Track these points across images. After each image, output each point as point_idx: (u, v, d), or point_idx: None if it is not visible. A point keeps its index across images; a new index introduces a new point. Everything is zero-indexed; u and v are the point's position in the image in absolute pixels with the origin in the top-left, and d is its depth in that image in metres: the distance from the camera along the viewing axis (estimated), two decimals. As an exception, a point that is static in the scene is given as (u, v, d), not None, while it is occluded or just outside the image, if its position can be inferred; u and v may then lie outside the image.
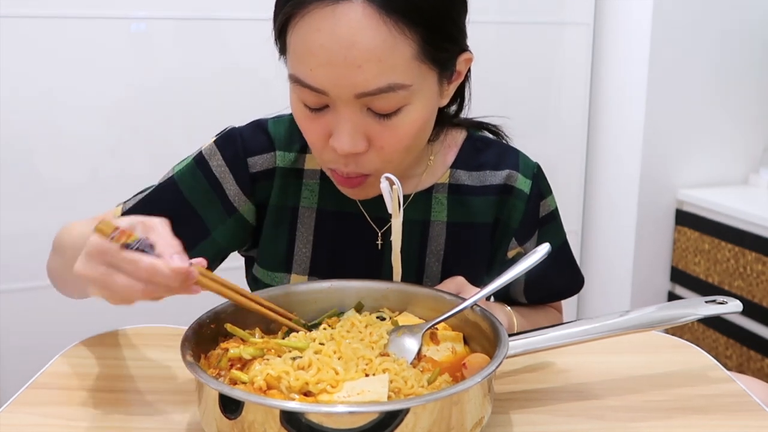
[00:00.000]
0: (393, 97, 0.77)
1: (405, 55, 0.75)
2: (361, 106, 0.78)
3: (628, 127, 2.06)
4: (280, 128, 0.96)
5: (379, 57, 0.74)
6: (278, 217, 0.95)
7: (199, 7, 1.76)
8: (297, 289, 0.82)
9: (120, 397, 0.75)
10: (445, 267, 0.96)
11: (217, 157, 0.93)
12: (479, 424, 0.63)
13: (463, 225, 0.96)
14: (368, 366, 0.67)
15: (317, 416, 0.56)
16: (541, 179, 1.00)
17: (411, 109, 0.79)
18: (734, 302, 0.76)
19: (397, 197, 0.82)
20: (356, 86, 0.75)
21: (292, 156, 0.95)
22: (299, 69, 0.77)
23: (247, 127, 0.96)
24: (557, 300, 1.08)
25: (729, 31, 1.99)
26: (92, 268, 0.63)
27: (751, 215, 1.85)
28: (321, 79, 0.76)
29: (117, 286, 0.63)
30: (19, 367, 1.71)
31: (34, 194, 1.74)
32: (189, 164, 0.94)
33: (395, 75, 0.75)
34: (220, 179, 0.93)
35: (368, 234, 0.95)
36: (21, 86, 1.67)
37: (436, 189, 0.96)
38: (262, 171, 0.94)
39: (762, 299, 1.83)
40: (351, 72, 0.74)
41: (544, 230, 1.00)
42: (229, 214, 0.94)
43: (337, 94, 0.76)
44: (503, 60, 2.02)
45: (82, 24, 1.68)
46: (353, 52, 0.73)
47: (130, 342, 0.88)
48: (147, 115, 1.78)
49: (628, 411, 0.73)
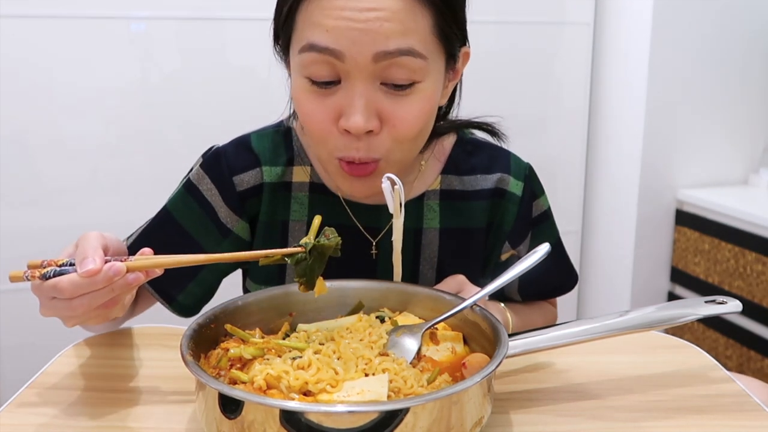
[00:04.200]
0: (410, 65, 0.76)
1: (424, 25, 0.76)
2: (374, 79, 0.77)
3: (628, 127, 2.06)
4: (264, 143, 0.95)
5: (401, 19, 0.74)
6: (269, 232, 0.94)
7: (200, 7, 1.76)
8: (297, 289, 0.82)
9: (120, 397, 0.75)
10: (439, 273, 0.95)
11: (206, 181, 0.93)
12: (479, 424, 0.63)
13: (456, 231, 0.95)
14: (368, 366, 0.67)
15: (317, 416, 0.56)
16: (534, 180, 0.99)
17: (423, 87, 0.78)
18: (734, 302, 0.76)
19: (398, 197, 0.81)
20: (376, 44, 0.74)
21: (278, 170, 0.94)
22: (314, 34, 0.75)
23: (230, 146, 0.95)
24: (551, 297, 1.08)
25: (729, 30, 1.99)
26: (44, 306, 0.68)
27: (751, 215, 1.85)
28: (339, 38, 0.74)
29: (63, 312, 0.67)
30: (19, 367, 1.71)
31: (34, 194, 1.74)
32: (180, 192, 0.94)
33: (415, 40, 0.75)
34: (212, 203, 0.93)
35: (362, 244, 0.94)
36: (21, 86, 1.67)
37: (428, 196, 0.95)
38: (249, 188, 0.93)
39: (762, 299, 1.83)
40: (372, 30, 0.73)
41: (537, 230, 0.99)
42: (224, 236, 0.93)
43: (353, 56, 0.74)
44: (503, 60, 2.02)
45: (82, 24, 1.68)
46: (375, 13, 0.73)
47: (130, 342, 0.88)
48: (147, 114, 1.78)
49: (628, 411, 0.73)
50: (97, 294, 0.65)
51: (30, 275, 0.66)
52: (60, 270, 0.66)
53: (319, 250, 0.73)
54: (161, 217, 0.94)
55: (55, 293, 0.65)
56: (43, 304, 0.68)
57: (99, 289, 0.65)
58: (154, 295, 0.93)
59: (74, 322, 0.70)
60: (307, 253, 0.73)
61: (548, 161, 2.13)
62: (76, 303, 0.65)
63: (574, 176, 2.20)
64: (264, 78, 1.75)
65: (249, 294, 0.81)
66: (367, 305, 0.82)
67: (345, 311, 0.82)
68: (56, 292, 0.65)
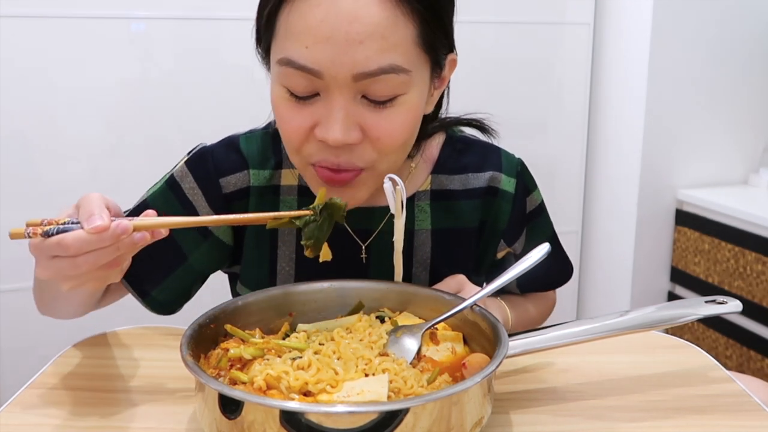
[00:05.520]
0: (392, 81, 0.73)
1: (407, 36, 0.73)
2: (355, 94, 0.74)
3: (628, 127, 2.06)
4: (252, 145, 0.93)
5: (382, 33, 0.71)
6: (258, 237, 0.92)
7: (200, 7, 1.76)
8: (297, 289, 0.82)
9: (120, 397, 0.75)
10: (432, 275, 0.94)
11: (189, 179, 0.90)
12: (479, 424, 0.63)
13: (448, 231, 0.94)
14: (368, 366, 0.67)
15: (317, 416, 0.56)
16: (526, 175, 0.98)
17: (407, 99, 0.76)
18: (734, 302, 0.76)
19: (400, 197, 0.81)
20: (356, 65, 0.71)
21: (266, 173, 0.92)
22: (293, 48, 0.73)
23: (218, 146, 0.93)
24: (548, 290, 1.08)
25: (729, 30, 1.99)
26: (42, 266, 0.65)
27: (751, 215, 1.85)
28: (318, 56, 0.71)
29: (65, 270, 0.64)
30: (19, 367, 1.71)
31: (34, 194, 1.74)
32: (161, 187, 0.92)
33: (397, 55, 0.72)
34: (193, 202, 0.90)
35: (352, 247, 0.92)
36: (21, 86, 1.67)
37: (418, 197, 0.94)
38: (235, 191, 0.91)
39: (762, 299, 1.83)
40: (351, 48, 0.70)
41: (532, 225, 0.99)
42: (205, 237, 0.91)
43: (333, 75, 0.72)
44: (503, 60, 2.02)
45: (82, 24, 1.68)
46: (355, 26, 0.70)
47: (130, 342, 0.88)
48: (147, 115, 1.78)
49: (628, 411, 0.73)
50: (103, 252, 0.63)
51: (32, 232, 0.63)
52: (63, 227, 0.64)
53: (329, 210, 0.73)
54: (139, 210, 0.89)
55: (59, 251, 0.63)
56: (41, 264, 0.65)
57: (105, 247, 0.63)
58: (129, 288, 0.90)
59: (73, 284, 0.67)
60: (318, 214, 0.73)
61: (548, 161, 2.14)
62: (81, 260, 0.63)
63: (574, 176, 2.20)
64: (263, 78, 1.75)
65: (249, 294, 0.80)
66: (367, 305, 0.82)
67: (345, 311, 0.82)
68: (60, 250, 0.62)
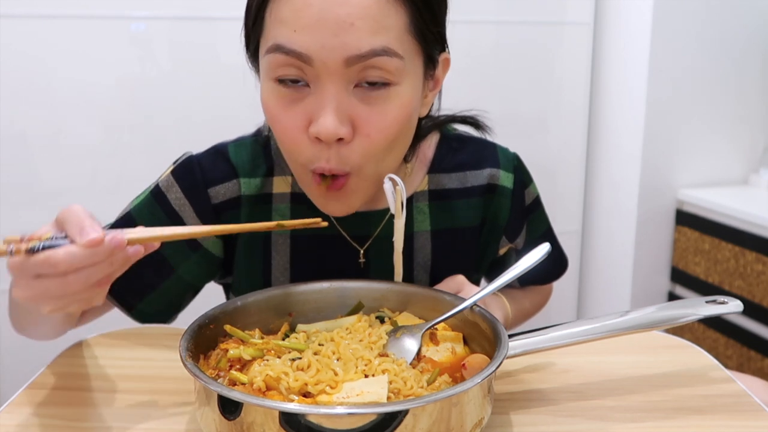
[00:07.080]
0: (385, 65, 0.71)
1: (398, 22, 0.71)
2: (347, 83, 0.72)
3: (628, 127, 2.05)
4: (242, 153, 0.90)
5: (374, 16, 0.69)
6: (251, 248, 0.90)
7: (200, 7, 1.75)
8: (296, 290, 0.82)
9: (120, 397, 0.75)
10: (432, 276, 0.94)
11: (175, 189, 0.87)
12: (479, 425, 0.63)
13: (447, 231, 0.93)
14: (367, 367, 0.67)
15: (316, 417, 0.56)
16: (522, 170, 0.98)
17: (399, 90, 0.74)
18: (735, 302, 0.76)
19: (399, 197, 0.81)
20: (347, 47, 0.69)
21: (257, 182, 0.89)
22: (281, 34, 0.70)
23: (205, 155, 0.90)
24: (544, 284, 1.09)
25: (729, 31, 1.98)
26: (23, 286, 0.59)
27: (751, 215, 1.84)
28: (307, 40, 0.69)
29: (51, 291, 0.59)
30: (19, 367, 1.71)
31: (34, 194, 1.74)
32: (146, 198, 0.89)
33: (390, 38, 0.71)
34: (180, 213, 0.87)
35: (349, 253, 0.91)
36: (21, 86, 1.67)
37: (416, 198, 0.92)
38: (225, 201, 0.88)
39: (762, 299, 1.83)
40: (342, 31, 0.68)
41: (531, 218, 0.99)
42: (193, 250, 0.88)
43: (323, 60, 0.69)
44: (503, 60, 2.02)
45: (82, 24, 1.68)
46: (345, 8, 0.68)
47: (130, 342, 0.88)
48: (147, 114, 1.78)
49: (628, 411, 0.73)
50: (95, 269, 0.58)
51: (15, 249, 0.57)
52: (50, 243, 0.58)
53: None
54: (123, 223, 0.88)
55: (46, 269, 0.57)
56: (20, 285, 0.59)
57: (97, 263, 0.58)
58: (113, 302, 0.88)
59: (55, 306, 0.60)
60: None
61: (548, 161, 2.13)
62: (71, 279, 0.58)
63: (574, 176, 2.19)
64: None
65: (248, 294, 0.80)
66: (367, 305, 0.82)
67: (345, 311, 0.82)
68: (47, 267, 0.57)
